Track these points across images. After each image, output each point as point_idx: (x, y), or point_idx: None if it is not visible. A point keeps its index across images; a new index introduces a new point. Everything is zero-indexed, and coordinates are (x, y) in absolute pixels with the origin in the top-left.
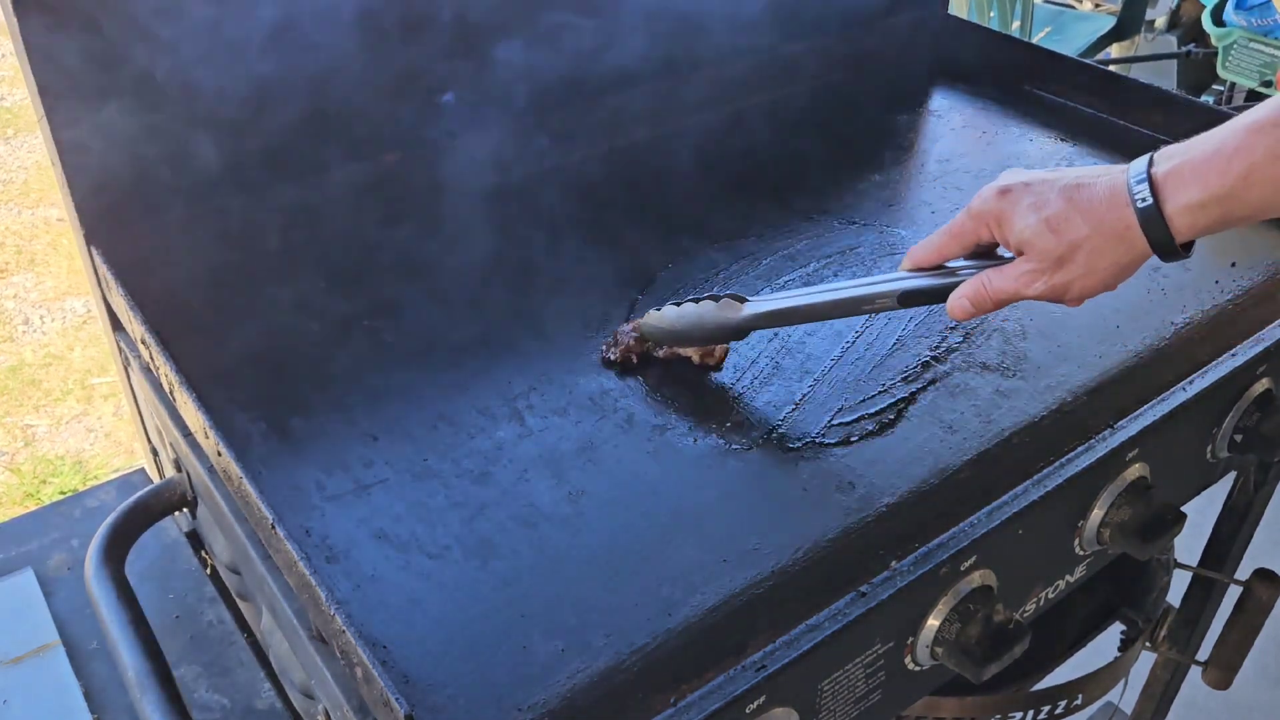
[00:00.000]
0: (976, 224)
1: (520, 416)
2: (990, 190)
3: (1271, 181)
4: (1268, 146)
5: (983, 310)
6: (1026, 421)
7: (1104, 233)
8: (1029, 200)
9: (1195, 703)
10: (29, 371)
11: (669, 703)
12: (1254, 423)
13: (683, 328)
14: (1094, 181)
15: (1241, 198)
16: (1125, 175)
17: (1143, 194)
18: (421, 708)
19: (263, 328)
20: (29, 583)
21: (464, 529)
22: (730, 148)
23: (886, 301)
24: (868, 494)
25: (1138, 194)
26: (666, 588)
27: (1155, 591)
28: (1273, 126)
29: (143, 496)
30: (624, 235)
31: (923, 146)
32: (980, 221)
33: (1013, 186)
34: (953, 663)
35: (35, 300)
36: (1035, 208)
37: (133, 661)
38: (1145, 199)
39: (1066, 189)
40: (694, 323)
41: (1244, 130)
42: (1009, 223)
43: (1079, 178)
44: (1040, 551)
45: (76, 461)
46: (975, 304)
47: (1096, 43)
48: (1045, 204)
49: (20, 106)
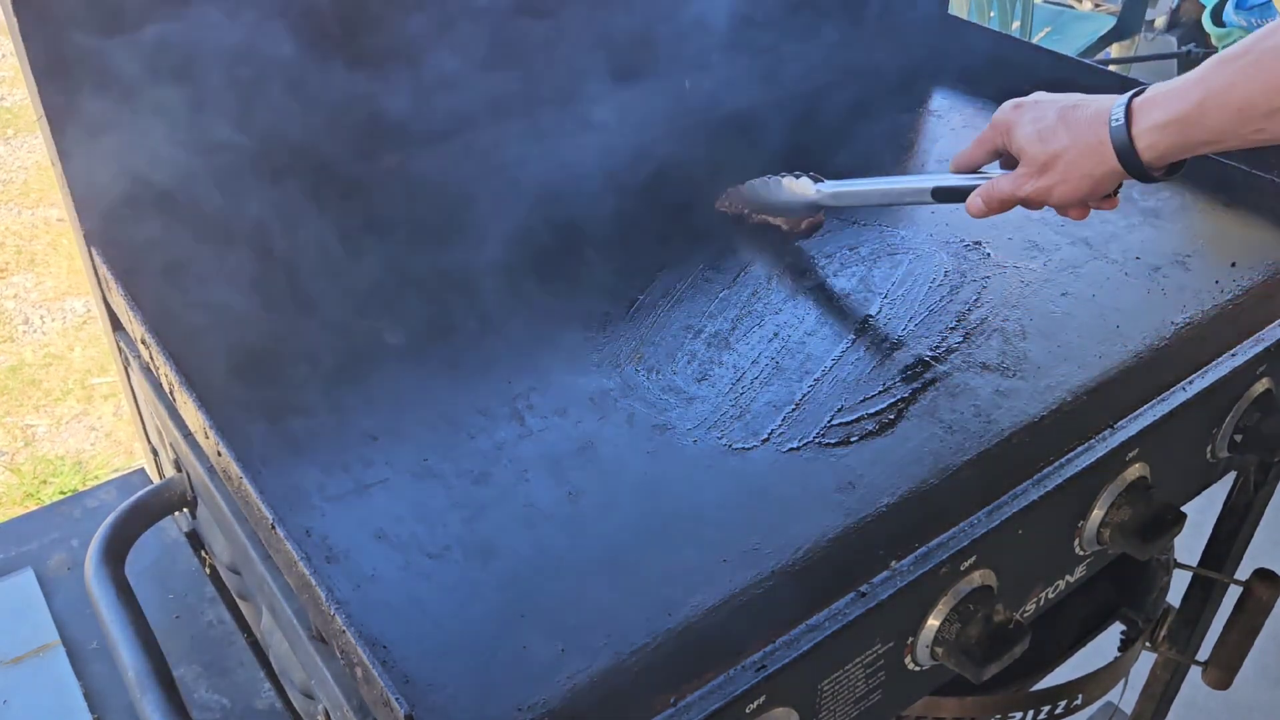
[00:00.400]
0: (994, 132)
1: (520, 416)
2: (1009, 103)
3: (1225, 107)
4: (1226, 76)
5: (991, 208)
6: (1026, 421)
7: (1080, 146)
8: (1031, 114)
9: (1195, 703)
10: (29, 371)
11: (669, 703)
12: (1254, 423)
13: (765, 196)
14: (1088, 104)
15: (1198, 122)
16: (1111, 101)
17: (1118, 115)
18: (421, 708)
19: (263, 328)
20: (29, 583)
21: (464, 529)
22: (730, 148)
23: (924, 195)
24: (868, 494)
25: (1114, 116)
26: (666, 588)
27: (1155, 591)
28: (1234, 59)
29: (143, 496)
30: (624, 235)
31: (923, 146)
32: (997, 130)
33: (1024, 102)
34: (953, 663)
35: (35, 300)
36: (1034, 120)
37: (133, 661)
38: (1119, 119)
39: (1064, 109)
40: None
41: (1214, 62)
42: (1014, 131)
43: (1078, 101)
44: (1040, 551)
45: (76, 461)
46: (986, 201)
47: (1096, 43)
48: (1042, 118)
49: (20, 106)
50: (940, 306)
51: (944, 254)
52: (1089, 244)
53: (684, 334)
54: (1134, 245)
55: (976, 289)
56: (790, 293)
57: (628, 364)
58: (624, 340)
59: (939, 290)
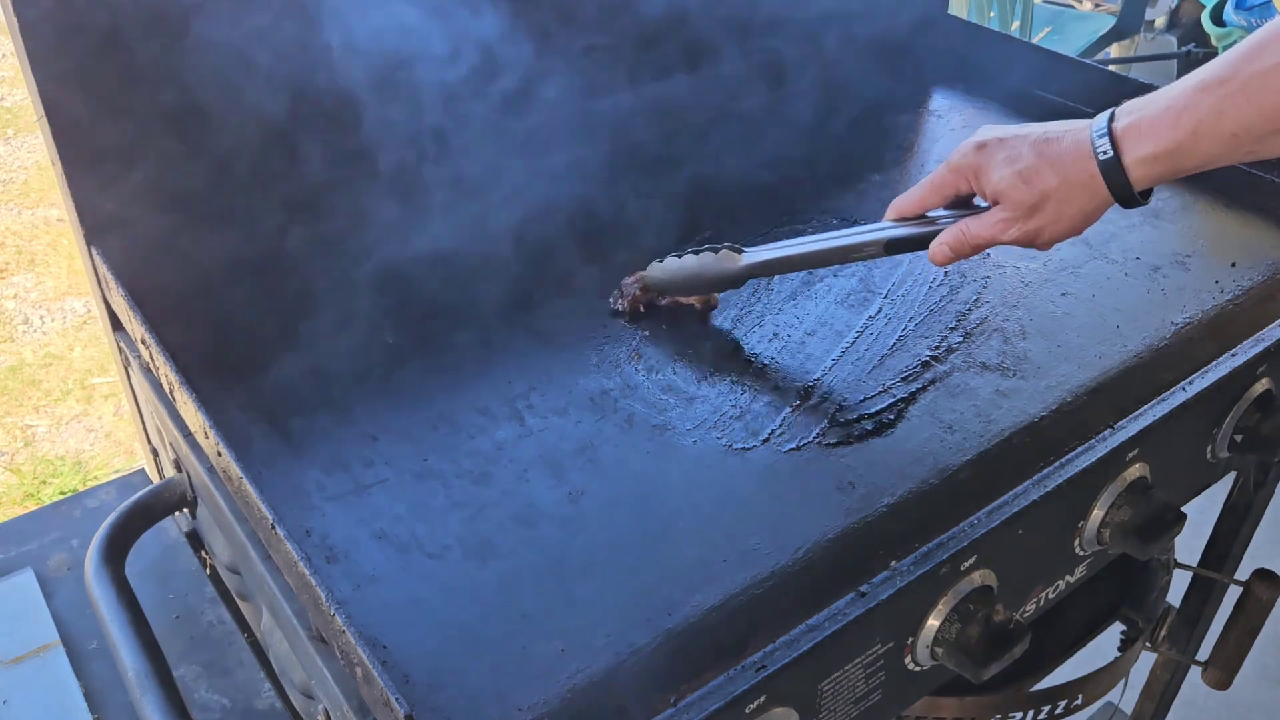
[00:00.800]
0: (955, 177)
1: (520, 416)
2: (968, 145)
3: (1216, 137)
4: (1211, 105)
5: (961, 255)
6: (1026, 421)
7: (1070, 183)
8: (1003, 155)
9: (1195, 703)
10: (29, 371)
11: (669, 703)
12: (1254, 423)
13: (684, 277)
14: (1061, 136)
15: (1190, 151)
16: (1089, 131)
17: (1104, 147)
18: (421, 708)
19: (263, 328)
20: (29, 583)
21: (464, 529)
22: (730, 148)
23: (874, 249)
24: (868, 494)
25: (1100, 148)
26: (666, 588)
27: (1155, 591)
28: (1217, 85)
29: (143, 497)
30: (623, 235)
31: (923, 146)
32: (959, 174)
33: (988, 142)
34: (953, 663)
35: (35, 300)
36: (1009, 161)
37: (133, 661)
38: (1107, 152)
39: (1037, 143)
40: (695, 272)
41: (1193, 90)
42: (985, 175)
43: (1046, 132)
44: (1040, 551)
45: (76, 461)
46: (955, 249)
47: (1096, 43)
48: (1018, 158)
49: (20, 106)
50: (940, 306)
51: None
52: (1089, 244)
53: (684, 334)
54: (1134, 245)
55: (976, 289)
56: (790, 293)
57: (628, 364)
58: (624, 340)
59: (939, 290)
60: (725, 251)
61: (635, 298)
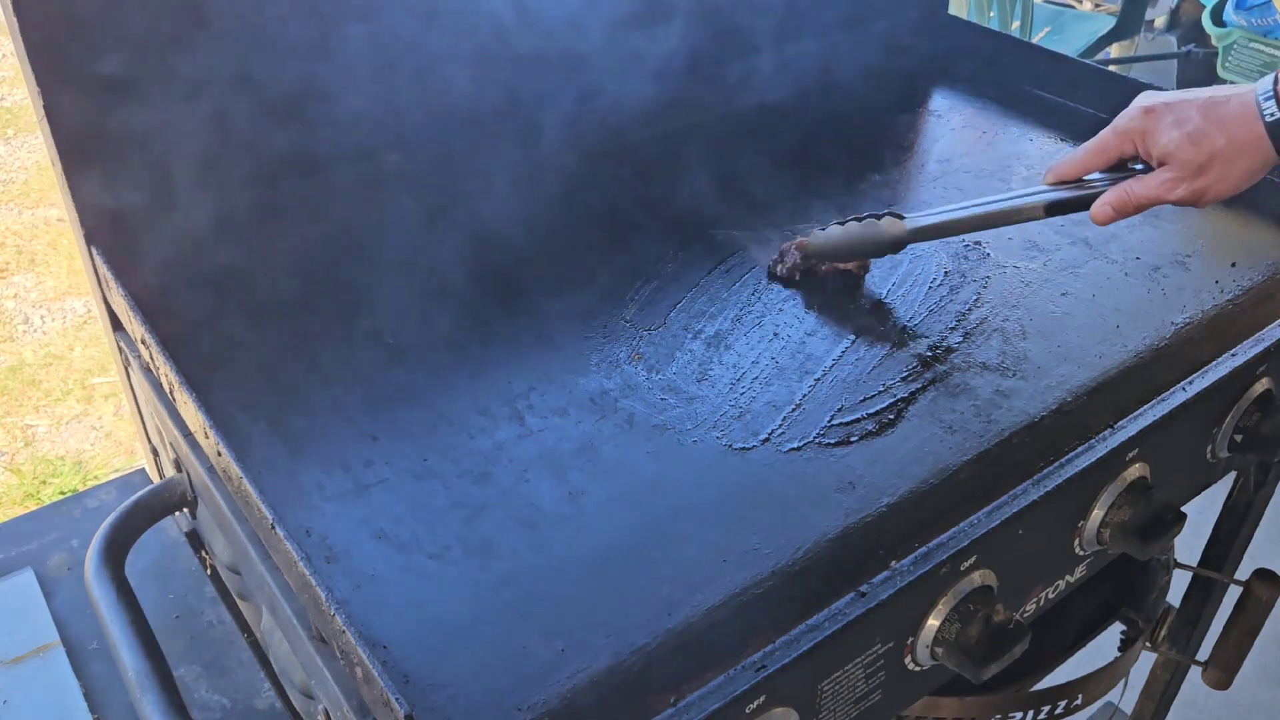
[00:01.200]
0: (1121, 140)
1: (520, 416)
2: (1135, 109)
3: None
4: None
5: (1123, 214)
6: (1026, 421)
7: (1238, 144)
8: (1171, 118)
9: (1195, 703)
10: (29, 371)
11: (669, 703)
12: (1254, 423)
13: (846, 243)
14: (1227, 99)
15: None
16: (1254, 94)
17: (1271, 109)
18: (421, 708)
19: (263, 328)
20: (29, 583)
21: (464, 529)
22: (730, 147)
23: (1034, 212)
24: (868, 494)
25: (1266, 109)
26: (666, 588)
27: (1155, 591)
28: None
29: (143, 496)
30: (625, 235)
31: (923, 146)
32: (1125, 138)
33: (1155, 106)
34: (953, 663)
35: (35, 300)
36: (1177, 124)
37: (133, 661)
38: (1274, 114)
39: (1203, 106)
40: (858, 239)
41: None
42: (1153, 137)
43: (1211, 96)
44: (1040, 551)
45: (76, 461)
46: (1118, 209)
47: (1096, 43)
48: (1186, 120)
49: (20, 106)
50: (940, 306)
51: (943, 254)
52: (1089, 244)
53: (684, 334)
54: (1134, 245)
55: (976, 289)
56: (790, 293)
57: (628, 364)
58: (624, 340)
59: (939, 290)
60: (888, 218)
61: (795, 265)
